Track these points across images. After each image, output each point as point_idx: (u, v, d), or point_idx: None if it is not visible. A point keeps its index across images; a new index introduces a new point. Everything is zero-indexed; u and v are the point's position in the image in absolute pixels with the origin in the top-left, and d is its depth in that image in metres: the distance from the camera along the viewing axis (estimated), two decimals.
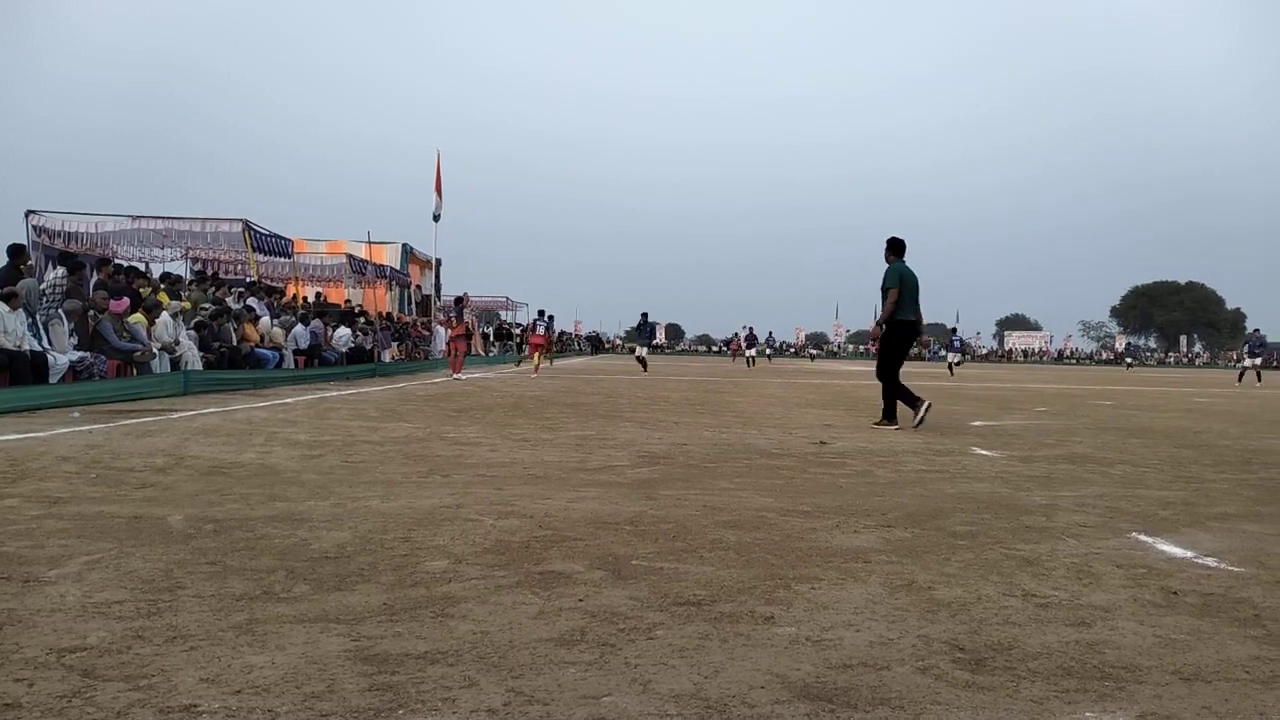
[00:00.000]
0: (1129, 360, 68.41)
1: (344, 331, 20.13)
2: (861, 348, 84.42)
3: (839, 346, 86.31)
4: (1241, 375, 27.42)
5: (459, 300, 23.40)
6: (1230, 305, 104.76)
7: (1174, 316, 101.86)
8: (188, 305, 14.95)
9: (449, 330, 21.96)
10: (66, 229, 17.67)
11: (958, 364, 35.77)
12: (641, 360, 27.75)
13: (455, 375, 19.57)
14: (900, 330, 9.67)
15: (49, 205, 18.09)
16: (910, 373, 11.75)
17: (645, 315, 28.71)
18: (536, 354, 25.43)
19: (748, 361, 41.43)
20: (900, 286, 9.52)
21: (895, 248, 9.89)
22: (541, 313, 30.39)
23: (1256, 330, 29.27)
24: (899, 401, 9.59)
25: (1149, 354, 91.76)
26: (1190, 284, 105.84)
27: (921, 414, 9.31)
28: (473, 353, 30.27)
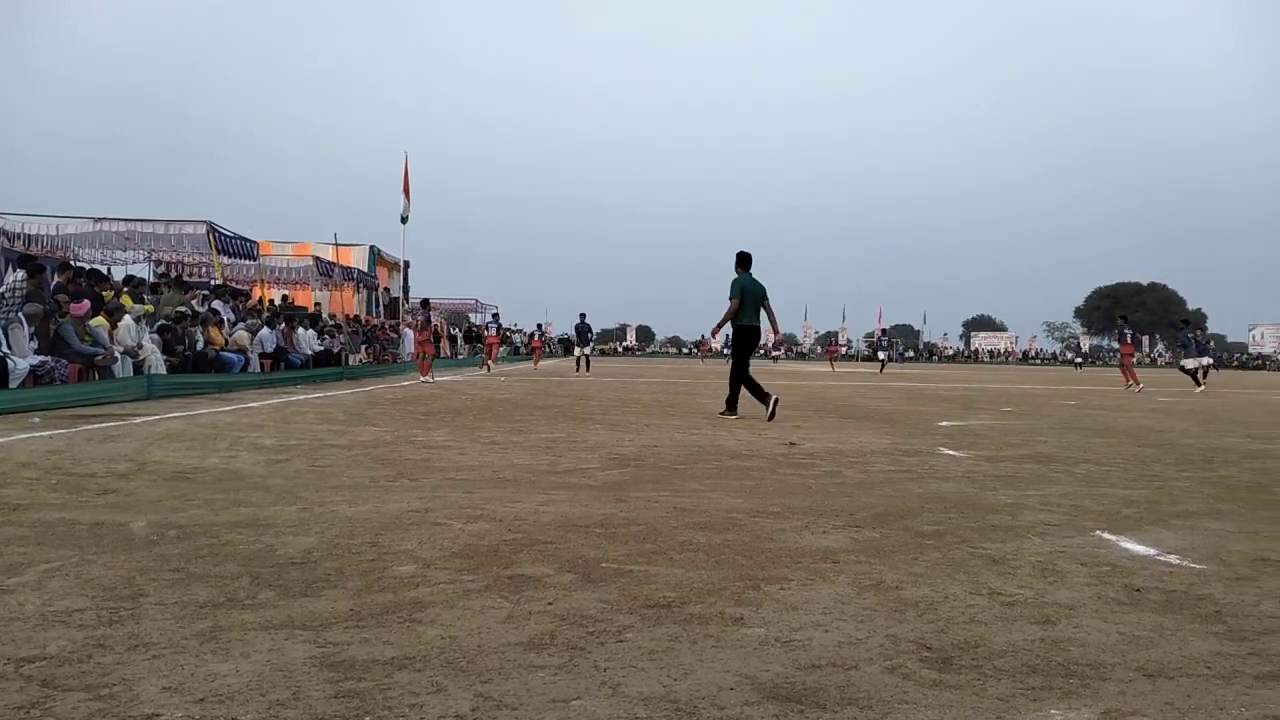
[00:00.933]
0: (1078, 361, 69.02)
1: (304, 332, 19.93)
2: (869, 349, 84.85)
3: (809, 348, 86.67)
4: (1195, 374, 28.04)
5: (425, 303, 23.34)
6: (1191, 305, 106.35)
7: (1136, 317, 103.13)
8: (150, 309, 14.75)
9: (417, 333, 22.06)
10: (26, 231, 17.38)
11: (888, 360, 41.31)
12: (579, 360, 28.91)
13: (423, 378, 19.52)
14: (743, 334, 10.98)
15: (34, 209, 17.85)
16: (847, 371, 11.90)
17: (583, 316, 29.78)
18: (492, 353, 29.52)
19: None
20: (741, 297, 10.74)
21: (741, 261, 11.00)
22: (495, 316, 33.84)
23: (1198, 332, 31.06)
24: (752, 396, 10.66)
25: (1111, 354, 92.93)
26: (1152, 285, 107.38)
27: (771, 409, 10.21)
28: (441, 355, 30.16)
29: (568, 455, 6.64)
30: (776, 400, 10.34)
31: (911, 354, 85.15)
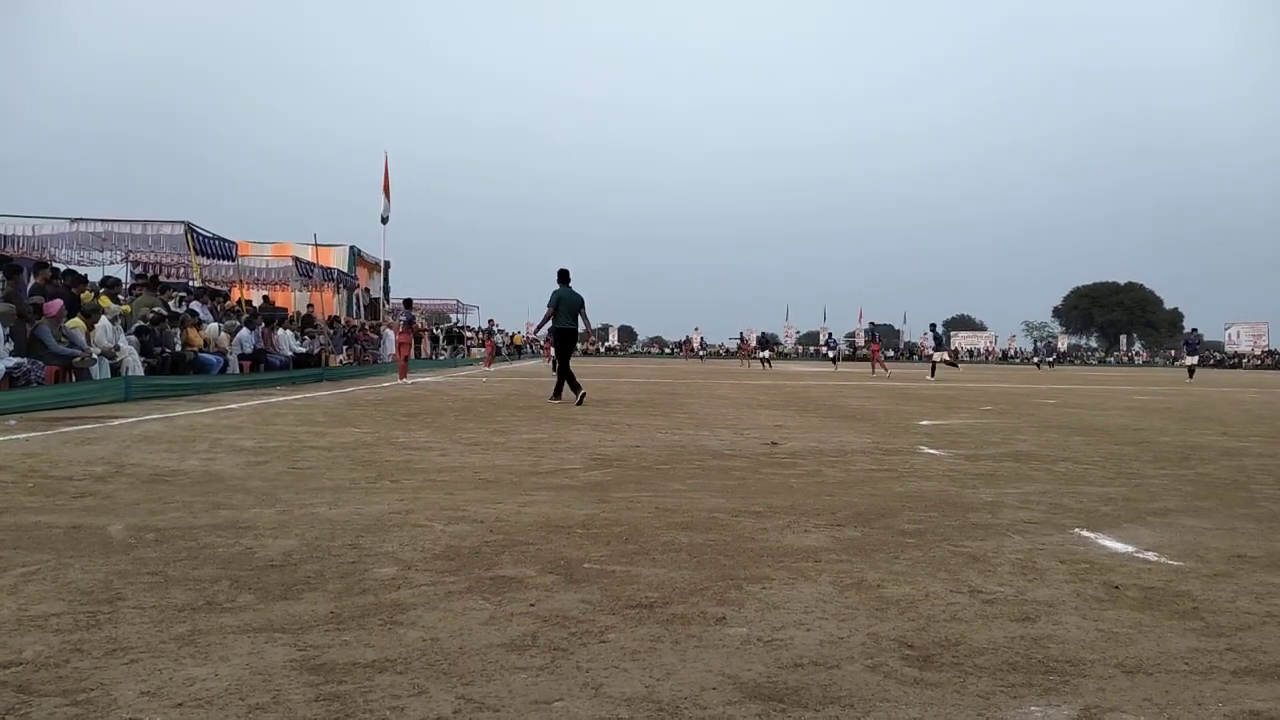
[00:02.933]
0: (1047, 361, 68.37)
1: (283, 332, 19.81)
2: (811, 349, 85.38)
3: (791, 349, 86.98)
4: (935, 365, 31.30)
5: (407, 303, 23.24)
6: (1169, 305, 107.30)
7: (1114, 316, 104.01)
8: (128, 309, 14.62)
9: (397, 334, 22.00)
10: (2, 232, 17.20)
11: (837, 359, 47.56)
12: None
13: (401, 380, 19.50)
14: (559, 335, 13.64)
15: (32, 211, 17.67)
16: (784, 371, 11.93)
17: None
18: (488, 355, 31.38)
19: (762, 363, 43.45)
20: (556, 306, 13.33)
21: (560, 277, 13.47)
22: (491, 322, 36.07)
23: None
24: (565, 386, 13.29)
25: (1090, 353, 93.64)
26: (1130, 284, 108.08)
27: (579, 399, 12.68)
28: (421, 356, 30.07)
29: (550, 456, 6.63)
30: (584, 394, 12.84)
31: (892, 353, 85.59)
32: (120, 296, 15.55)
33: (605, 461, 6.36)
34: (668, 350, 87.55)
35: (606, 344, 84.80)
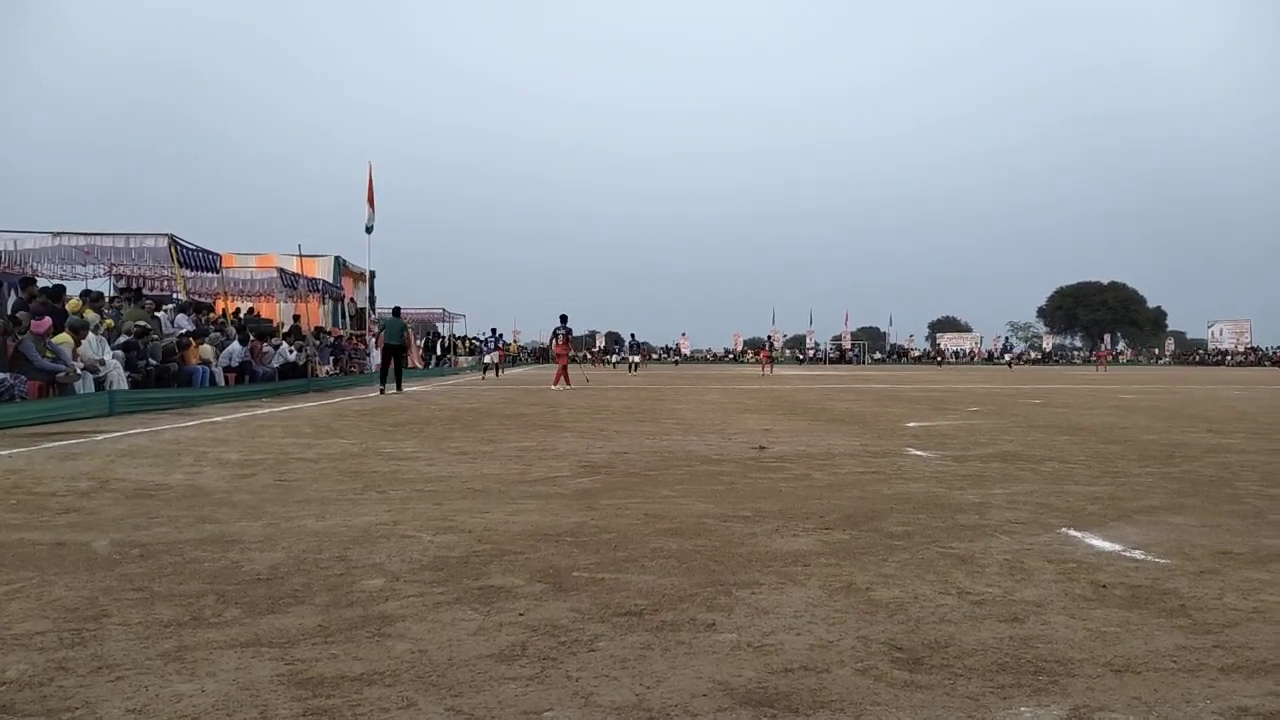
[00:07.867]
0: (1009, 360, 68.36)
1: (268, 349, 19.74)
2: (798, 354, 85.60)
3: (777, 351, 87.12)
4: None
5: (564, 318, 21.95)
6: (1152, 303, 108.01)
7: (1098, 316, 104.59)
8: (110, 323, 14.52)
9: (556, 345, 22.49)
10: None
11: (637, 363, 47.01)
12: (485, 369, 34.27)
13: (567, 385, 20.86)
14: (387, 349, 18.87)
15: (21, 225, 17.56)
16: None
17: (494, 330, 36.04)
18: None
19: (630, 367, 44.77)
20: (385, 329, 19.39)
21: (394, 312, 20.30)
22: (499, 334, 37.31)
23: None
24: (389, 379, 18.60)
25: (1075, 352, 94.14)
26: (1113, 284, 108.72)
27: (380, 391, 18.17)
28: (409, 365, 29.94)
29: (538, 464, 6.62)
30: (382, 392, 17.88)
31: (879, 355, 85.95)
32: (104, 310, 15.44)
33: (593, 469, 6.35)
34: (655, 357, 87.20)
35: (593, 350, 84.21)
